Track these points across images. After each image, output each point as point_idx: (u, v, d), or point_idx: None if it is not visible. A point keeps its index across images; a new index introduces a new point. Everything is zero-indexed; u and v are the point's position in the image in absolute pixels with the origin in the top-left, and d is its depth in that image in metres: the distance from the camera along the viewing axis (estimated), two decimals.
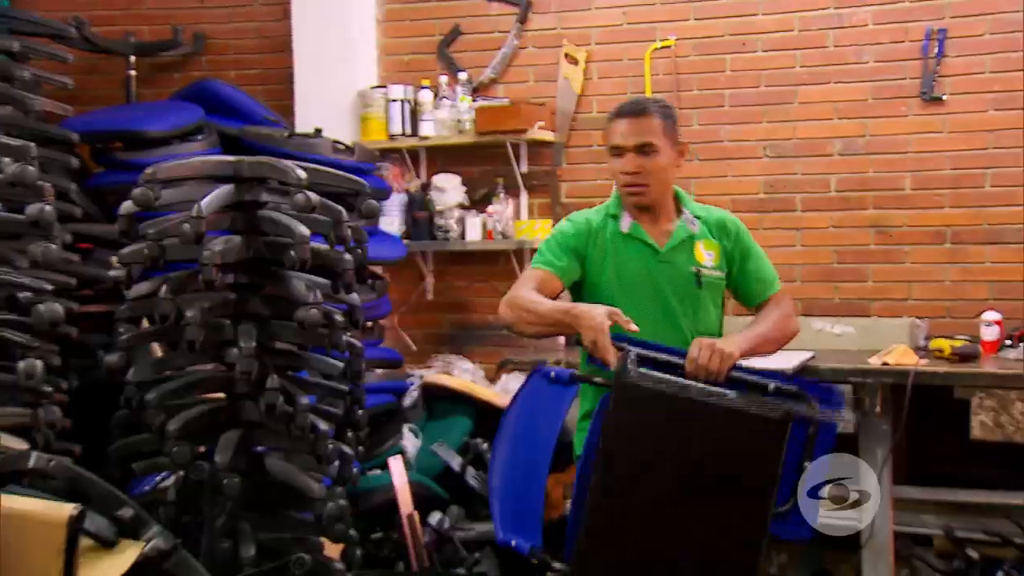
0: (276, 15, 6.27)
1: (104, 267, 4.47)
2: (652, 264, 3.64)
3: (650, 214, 3.67)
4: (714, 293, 3.71)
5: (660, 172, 3.57)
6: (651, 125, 3.55)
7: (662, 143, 3.54)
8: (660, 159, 3.54)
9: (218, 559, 3.73)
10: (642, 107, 3.60)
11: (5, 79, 4.53)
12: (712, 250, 3.68)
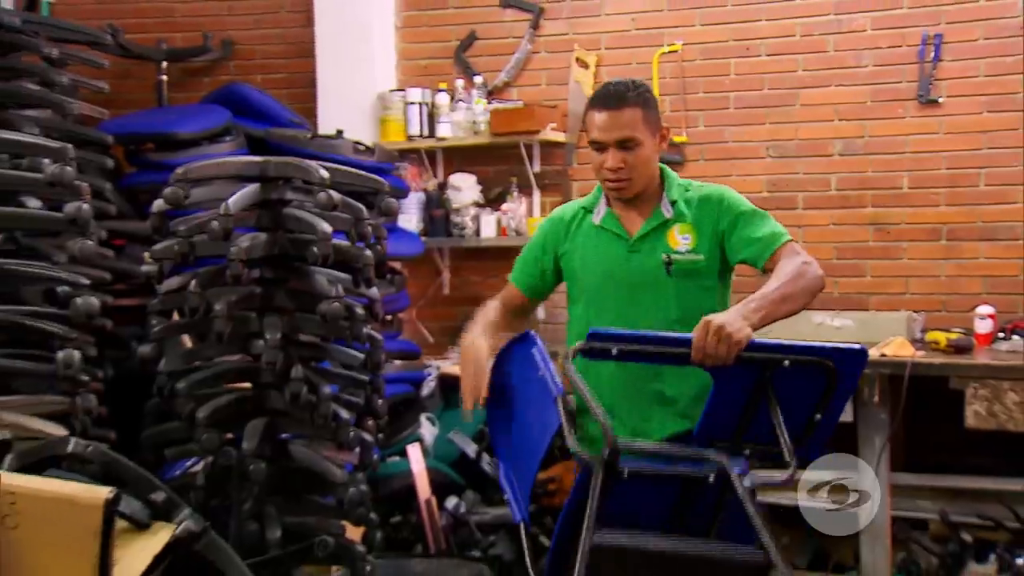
0: (300, 22, 6.28)
1: (137, 262, 4.49)
2: (621, 254, 3.36)
3: (629, 202, 3.37)
4: (694, 278, 3.33)
5: (643, 165, 3.27)
6: (632, 117, 3.22)
7: (644, 134, 3.24)
8: (643, 151, 3.25)
9: (246, 541, 3.74)
10: (621, 98, 3.24)
11: (45, 84, 4.55)
12: (689, 233, 3.32)
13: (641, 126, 3.23)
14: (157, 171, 5.01)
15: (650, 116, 3.26)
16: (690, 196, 3.37)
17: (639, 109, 3.23)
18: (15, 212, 3.97)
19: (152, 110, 6.17)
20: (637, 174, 3.26)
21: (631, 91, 3.26)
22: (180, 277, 3.92)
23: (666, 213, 3.32)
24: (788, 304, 3.11)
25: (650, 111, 3.27)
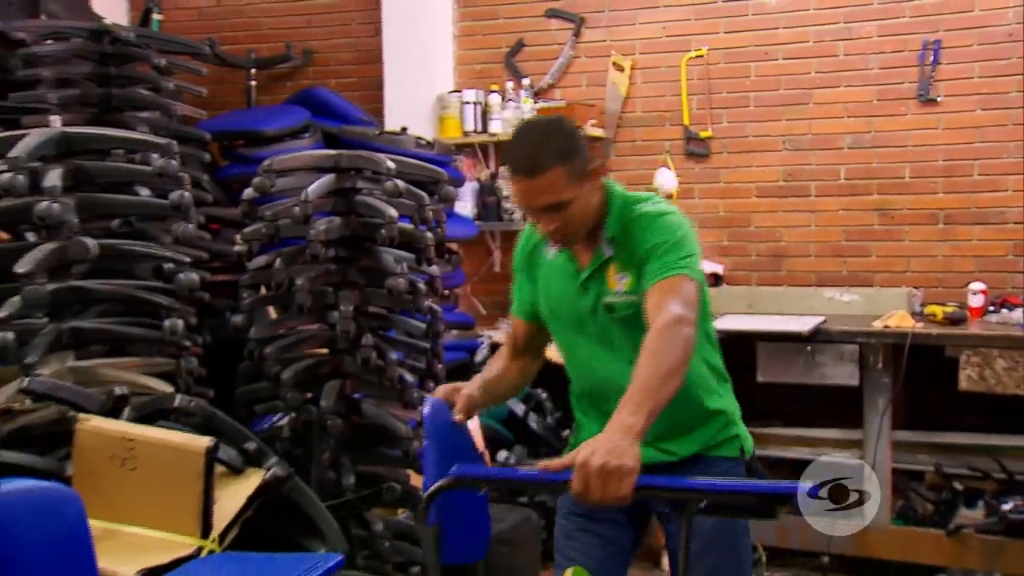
0: (369, 32, 6.29)
1: (230, 244, 4.55)
2: (573, 293, 2.71)
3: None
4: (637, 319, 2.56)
5: (579, 219, 2.57)
6: (552, 182, 2.48)
7: (571, 192, 2.51)
8: (574, 208, 2.54)
9: (324, 486, 3.78)
10: (535, 165, 2.48)
11: (154, 89, 4.62)
12: (625, 272, 2.63)
13: (565, 185, 2.51)
14: (247, 164, 5.07)
15: (574, 167, 2.52)
16: (630, 224, 2.65)
17: (558, 168, 2.49)
18: (129, 199, 4.02)
19: (242, 111, 6.24)
20: (575, 229, 2.60)
21: (547, 147, 2.50)
22: (267, 256, 3.97)
23: (606, 251, 2.65)
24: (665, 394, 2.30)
25: (574, 162, 2.52)
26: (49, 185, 3.57)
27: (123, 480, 3.16)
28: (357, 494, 3.79)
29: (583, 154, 2.56)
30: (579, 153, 2.55)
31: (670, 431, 2.65)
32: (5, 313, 3.43)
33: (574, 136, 2.58)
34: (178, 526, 3.15)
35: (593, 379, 2.76)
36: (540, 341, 2.92)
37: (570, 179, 2.51)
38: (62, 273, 3.65)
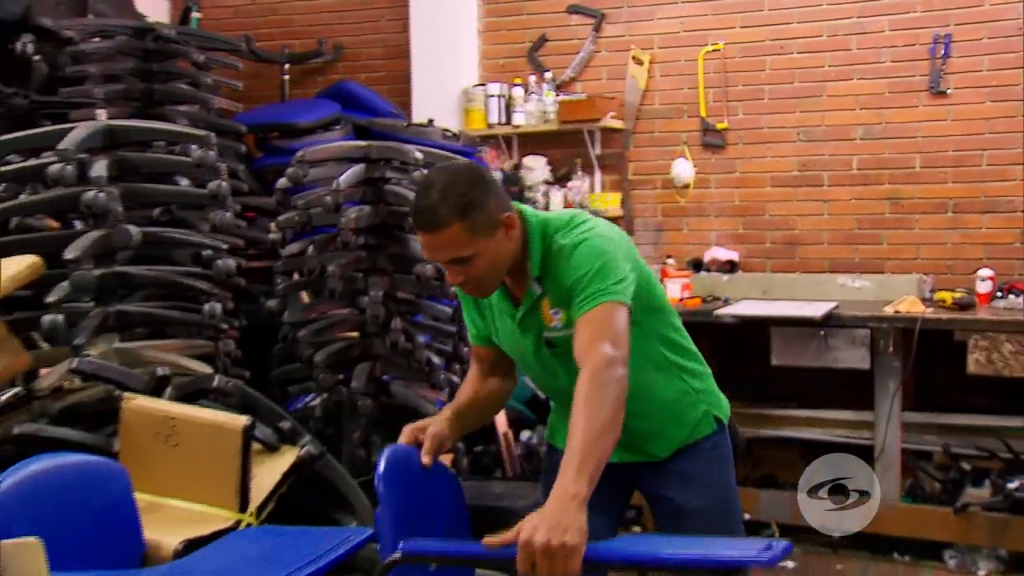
0: (397, 28, 6.28)
1: (265, 231, 4.58)
2: (514, 330, 2.57)
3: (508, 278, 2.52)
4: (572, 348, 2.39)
5: (488, 270, 2.41)
6: (451, 238, 2.33)
7: (474, 246, 2.35)
8: (480, 261, 2.38)
9: (355, 463, 3.81)
10: (432, 219, 2.33)
11: (193, 84, 4.67)
12: (557, 307, 2.47)
13: (467, 240, 2.35)
14: (281, 155, 5.07)
15: (477, 223, 2.35)
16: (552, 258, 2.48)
17: (459, 223, 2.33)
18: (170, 189, 4.08)
19: (276, 104, 6.24)
20: (485, 279, 2.46)
21: (445, 204, 2.33)
22: (300, 243, 4.03)
23: (536, 290, 2.49)
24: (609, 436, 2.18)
25: (475, 217, 2.35)
26: (95, 175, 3.62)
27: (166, 456, 3.20)
28: None
29: (485, 209, 2.38)
30: (480, 208, 2.37)
31: (648, 435, 2.60)
32: (55, 297, 3.47)
33: (476, 189, 2.38)
34: (217, 500, 3.18)
35: (555, 392, 2.69)
36: (507, 363, 2.73)
37: (471, 234, 2.35)
38: (107, 259, 3.70)
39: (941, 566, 4.70)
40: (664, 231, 5.85)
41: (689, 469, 2.62)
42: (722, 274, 5.56)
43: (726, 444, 2.70)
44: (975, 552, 4.70)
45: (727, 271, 5.58)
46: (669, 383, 2.63)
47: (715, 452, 2.66)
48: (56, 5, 5.15)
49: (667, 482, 2.64)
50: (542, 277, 2.49)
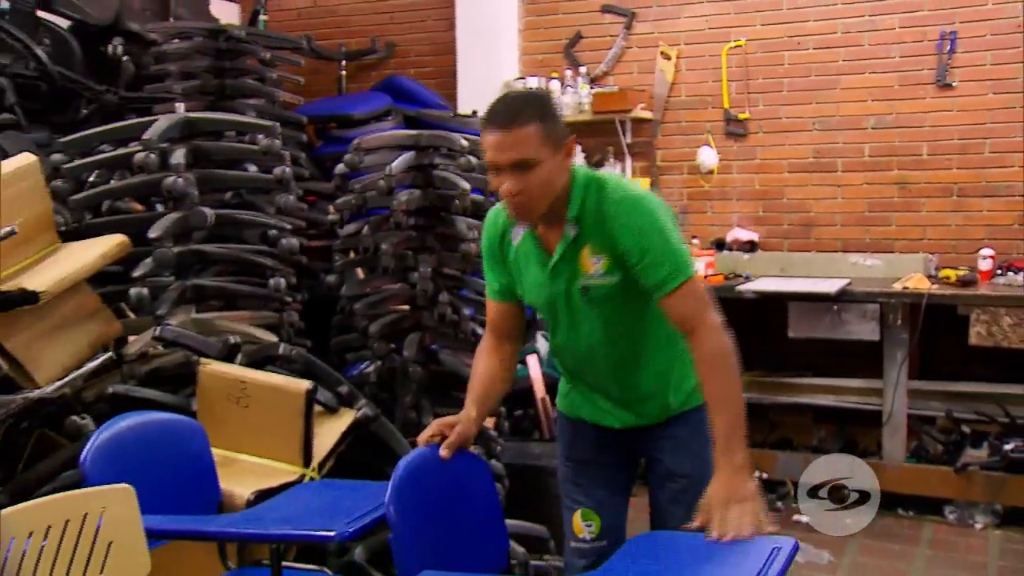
0: (444, 27, 6.30)
1: (324, 213, 4.49)
2: (545, 279, 2.46)
3: (543, 221, 2.42)
4: (614, 300, 2.42)
5: (543, 186, 2.30)
6: (526, 136, 2.25)
7: (542, 153, 2.27)
8: (541, 172, 2.27)
9: (407, 425, 3.77)
10: (514, 115, 2.26)
11: (260, 79, 4.68)
12: (599, 254, 2.38)
13: (538, 144, 2.27)
14: (338, 143, 5.06)
15: (550, 131, 2.29)
16: (596, 206, 2.39)
17: (537, 124, 2.27)
18: (240, 175, 4.10)
19: (334, 97, 6.26)
20: (537, 197, 2.32)
21: (527, 103, 2.32)
22: (356, 224, 4.02)
23: (571, 232, 2.40)
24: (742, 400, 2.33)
25: (549, 125, 2.30)
26: (175, 163, 3.66)
27: (238, 416, 3.23)
28: None
29: (559, 123, 2.35)
30: (556, 120, 2.34)
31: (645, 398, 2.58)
32: (140, 272, 3.52)
33: (553, 106, 2.38)
34: (283, 456, 3.22)
35: (575, 354, 2.59)
36: (520, 321, 2.67)
37: (543, 140, 2.28)
38: (185, 238, 3.73)
39: (942, 520, 4.72)
40: (690, 213, 5.86)
41: (682, 435, 2.60)
42: (743, 253, 5.57)
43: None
44: (973, 507, 4.71)
45: (748, 250, 5.59)
46: (672, 352, 2.55)
47: (703, 424, 2.54)
48: (142, 11, 5.20)
49: (661, 446, 2.63)
50: (580, 222, 2.39)
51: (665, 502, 2.62)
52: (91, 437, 2.48)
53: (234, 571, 2.73)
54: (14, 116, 4.37)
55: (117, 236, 3.52)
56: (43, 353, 3.17)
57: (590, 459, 2.68)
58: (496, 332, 2.66)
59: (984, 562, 4.28)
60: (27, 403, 3.02)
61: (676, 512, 2.53)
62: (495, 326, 2.66)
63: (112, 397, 3.26)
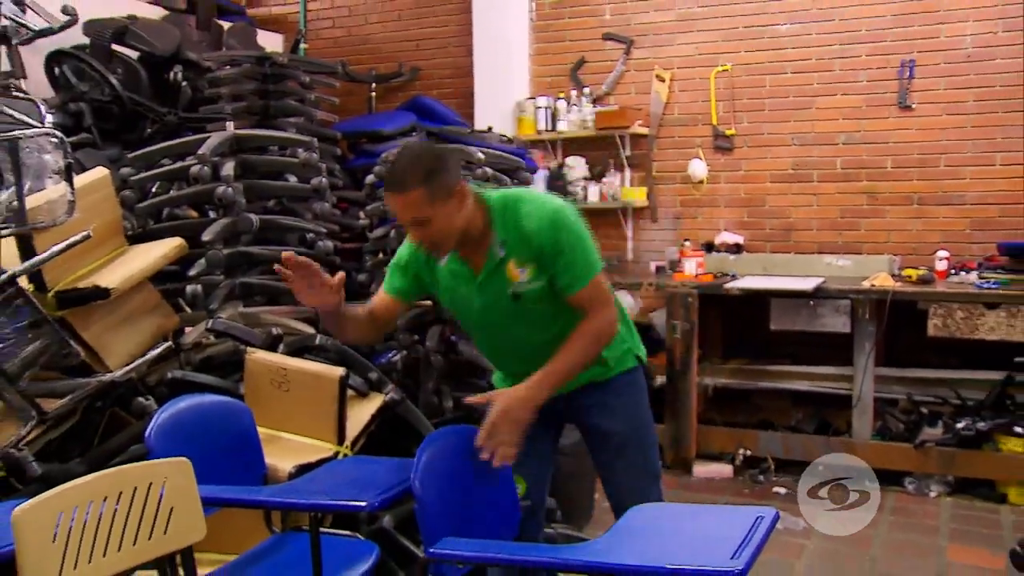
0: (463, 53, 6.30)
1: (355, 218, 4.59)
2: (474, 290, 2.54)
3: (464, 248, 2.50)
4: (543, 301, 2.50)
5: (442, 232, 2.39)
6: (414, 199, 2.33)
7: (430, 210, 2.34)
8: (436, 223, 2.37)
9: (429, 408, 3.79)
10: (401, 184, 2.35)
11: (300, 100, 4.69)
12: (525, 265, 2.48)
13: (425, 203, 2.35)
14: (369, 156, 5.07)
15: (434, 189, 2.35)
16: (514, 225, 2.48)
17: (421, 188, 2.33)
18: (282, 184, 4.13)
19: (365, 115, 6.28)
20: (440, 240, 2.42)
21: (412, 172, 2.36)
22: (384, 228, 4.03)
23: (499, 253, 2.48)
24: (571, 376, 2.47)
25: (433, 184, 2.35)
26: (225, 174, 3.71)
27: (280, 398, 3.25)
28: (454, 414, 3.80)
29: (445, 178, 2.37)
30: (440, 177, 2.36)
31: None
32: (195, 271, 3.57)
33: (438, 162, 2.39)
34: (320, 434, 3.23)
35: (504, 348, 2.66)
36: (393, 321, 2.74)
37: (429, 199, 2.34)
38: (234, 241, 3.78)
39: (902, 490, 4.73)
40: (682, 219, 5.85)
41: (610, 400, 2.65)
42: (730, 254, 5.56)
43: (642, 380, 2.72)
44: (929, 478, 4.74)
45: (734, 252, 5.59)
46: None
47: (632, 386, 2.67)
48: (199, 42, 5.24)
49: (591, 413, 2.67)
50: (507, 242, 2.47)
51: (607, 460, 2.69)
52: (154, 416, 2.51)
53: (278, 535, 2.75)
54: (91, 135, 4.44)
55: (175, 239, 3.57)
56: (113, 342, 3.21)
57: None
58: (372, 313, 2.68)
59: (937, 526, 4.29)
60: (101, 385, 3.06)
61: (618, 466, 2.63)
62: (374, 310, 2.68)
63: (171, 381, 3.30)
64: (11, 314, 2.85)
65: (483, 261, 2.51)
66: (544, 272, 2.47)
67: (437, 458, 2.23)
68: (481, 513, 2.30)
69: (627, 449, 2.65)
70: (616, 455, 2.66)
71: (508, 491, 2.46)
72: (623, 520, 2.15)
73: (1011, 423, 4.62)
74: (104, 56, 4.73)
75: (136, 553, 2.03)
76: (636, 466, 2.67)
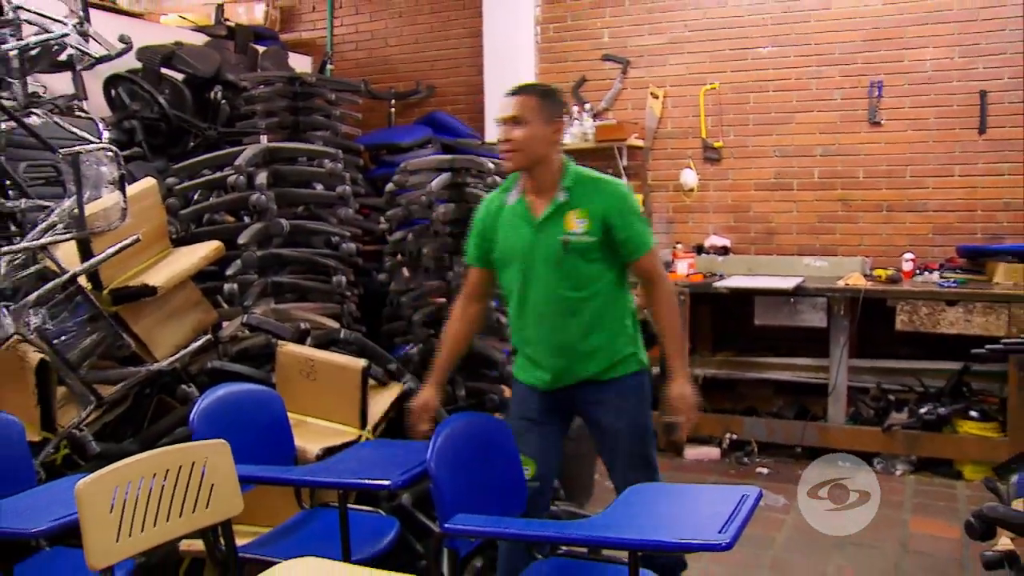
0: (475, 73, 6.31)
1: (376, 223, 4.59)
2: (530, 233, 2.58)
3: (536, 187, 2.59)
4: (585, 254, 2.56)
5: (527, 140, 2.49)
6: (523, 102, 2.50)
7: (532, 117, 2.48)
8: (527, 130, 2.48)
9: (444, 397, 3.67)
10: (520, 88, 2.56)
11: (326, 116, 4.70)
12: (584, 217, 2.54)
13: (531, 109, 2.49)
14: (388, 166, 5.13)
15: (545, 106, 2.52)
16: (586, 184, 2.59)
17: (534, 98, 2.51)
18: (310, 192, 4.13)
19: (385, 129, 6.30)
20: (522, 147, 2.51)
21: (536, 86, 2.60)
22: (402, 232, 4.02)
23: (562, 197, 2.56)
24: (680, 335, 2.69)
25: (544, 103, 2.53)
26: (258, 183, 3.72)
27: (308, 387, 3.27)
28: (467, 402, 3.81)
29: (554, 107, 2.55)
30: (552, 103, 2.55)
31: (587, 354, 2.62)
32: (231, 271, 3.58)
33: (556, 94, 2.60)
34: (344, 420, 3.25)
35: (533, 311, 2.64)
36: (490, 286, 2.78)
37: (534, 108, 2.50)
38: (266, 244, 3.80)
39: (871, 469, 4.72)
40: (674, 223, 5.85)
41: (616, 400, 2.66)
42: (718, 256, 5.56)
43: (647, 385, 2.74)
44: (895, 459, 4.75)
45: (722, 254, 5.59)
46: (620, 321, 2.66)
47: (637, 389, 2.69)
48: (236, 65, 5.25)
49: (598, 409, 2.69)
50: (571, 191, 2.56)
51: (610, 453, 2.72)
52: (196, 402, 2.54)
53: (307, 511, 2.79)
54: (141, 149, 4.48)
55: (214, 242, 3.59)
56: (160, 335, 3.24)
57: (531, 418, 2.71)
58: (470, 295, 2.80)
59: (901, 500, 4.31)
60: (149, 374, 3.11)
61: (620, 459, 2.68)
62: (472, 289, 2.80)
63: (210, 370, 3.34)
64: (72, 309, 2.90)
65: (544, 207, 2.57)
66: (599, 232, 2.54)
67: (451, 442, 2.24)
68: (490, 492, 2.31)
69: (628, 445, 2.68)
70: (618, 450, 2.69)
71: (515, 472, 2.46)
72: (621, 498, 2.16)
73: (967, 408, 4.65)
74: (154, 78, 4.77)
75: (182, 524, 2.07)
76: (635, 459, 2.69)
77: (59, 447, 2.75)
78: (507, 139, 2.53)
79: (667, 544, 1.85)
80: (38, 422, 2.74)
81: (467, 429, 2.33)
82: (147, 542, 1.98)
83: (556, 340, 2.62)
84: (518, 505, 2.43)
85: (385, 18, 6.83)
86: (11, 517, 1.98)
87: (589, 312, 2.60)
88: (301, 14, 7.14)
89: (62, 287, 2.88)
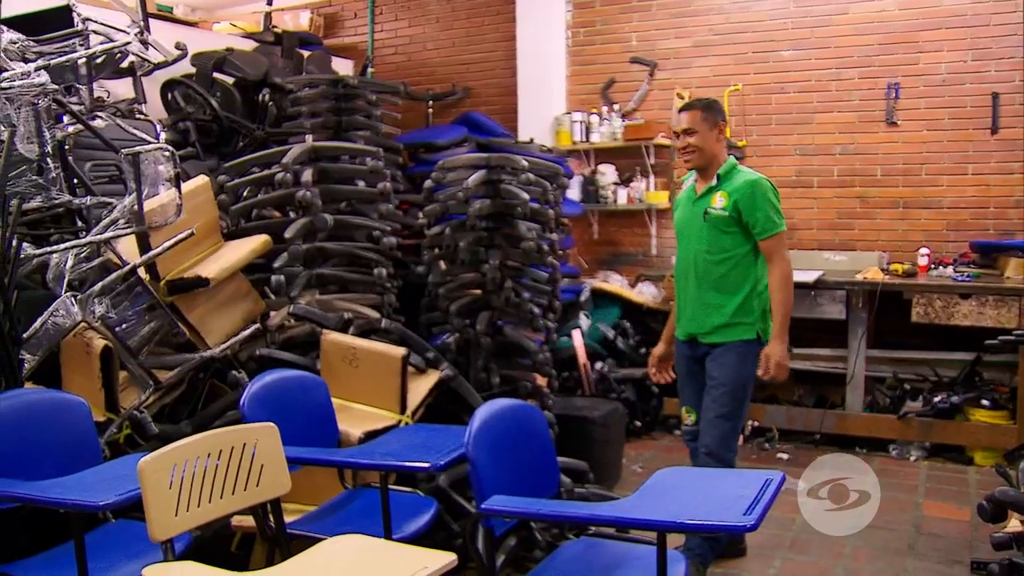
0: (508, 75, 6.31)
1: (415, 218, 4.53)
2: (691, 207, 3.24)
3: (703, 177, 3.21)
4: (719, 224, 3.14)
5: (700, 143, 3.14)
6: (692, 116, 3.14)
7: (700, 127, 3.12)
8: (697, 137, 3.13)
9: (479, 383, 3.79)
10: (689, 105, 3.20)
11: (367, 116, 4.64)
12: (724, 198, 3.13)
13: (698, 121, 3.13)
14: (426, 164, 5.00)
15: (707, 116, 3.15)
16: (733, 175, 3.16)
17: (698, 111, 3.14)
18: (352, 188, 4.08)
19: (423, 128, 6.28)
20: (696, 150, 3.15)
21: (699, 101, 3.21)
22: (440, 226, 4.01)
23: (713, 183, 3.17)
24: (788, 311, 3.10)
25: (707, 114, 3.15)
26: (304, 180, 3.72)
27: (350, 374, 3.28)
28: (501, 388, 3.82)
29: (716, 115, 3.17)
30: (714, 112, 3.17)
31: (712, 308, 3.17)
32: (278, 264, 3.59)
33: (715, 105, 3.21)
34: (385, 405, 3.26)
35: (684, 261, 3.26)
36: None
37: (702, 119, 3.14)
38: (311, 238, 3.79)
39: (887, 455, 4.73)
40: None
41: (726, 358, 3.16)
42: None
43: (755, 353, 3.16)
44: (909, 445, 4.72)
45: None
46: (742, 290, 3.15)
47: (745, 355, 3.16)
48: (283, 68, 5.28)
49: (712, 362, 3.19)
50: (720, 179, 3.16)
51: (706, 396, 3.21)
52: (246, 387, 2.56)
53: (350, 491, 2.80)
54: (195, 149, 4.51)
55: (262, 236, 3.61)
56: (212, 323, 3.26)
57: (684, 372, 3.34)
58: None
59: (915, 485, 4.30)
60: (202, 360, 3.14)
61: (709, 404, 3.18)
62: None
63: (259, 357, 3.35)
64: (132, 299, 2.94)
65: (703, 187, 3.21)
66: (733, 211, 3.11)
67: (487, 427, 2.24)
68: (524, 475, 2.31)
69: (719, 393, 3.15)
70: (710, 395, 3.18)
71: (546, 456, 2.45)
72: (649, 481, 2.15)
73: (979, 396, 4.61)
74: (206, 82, 4.80)
75: (234, 501, 2.09)
76: (721, 408, 3.15)
77: (121, 427, 2.79)
78: (684, 145, 3.18)
79: (695, 526, 1.84)
80: (103, 404, 2.78)
81: (502, 415, 2.32)
82: (203, 517, 2.00)
83: (690, 292, 3.22)
84: (550, 487, 2.42)
85: (423, 24, 6.84)
86: (81, 490, 2.01)
87: (718, 273, 3.15)
88: (344, 20, 7.16)
89: (123, 278, 2.92)
